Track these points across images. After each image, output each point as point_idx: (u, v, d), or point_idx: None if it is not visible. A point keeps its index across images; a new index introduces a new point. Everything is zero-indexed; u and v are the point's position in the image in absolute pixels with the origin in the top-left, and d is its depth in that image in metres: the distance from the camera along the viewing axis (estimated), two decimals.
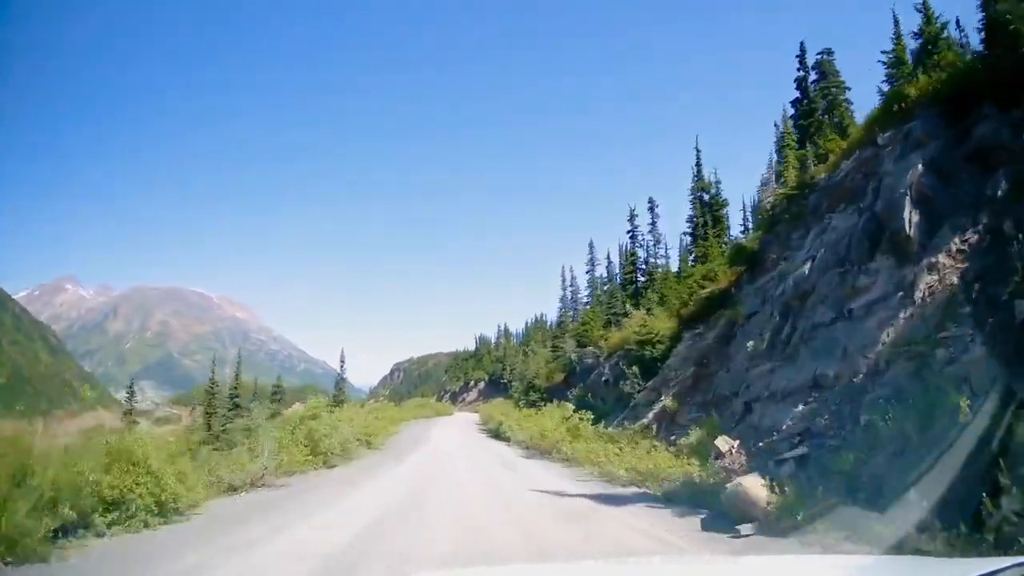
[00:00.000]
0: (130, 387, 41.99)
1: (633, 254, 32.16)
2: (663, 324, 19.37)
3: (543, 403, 26.49)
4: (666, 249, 37.29)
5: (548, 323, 72.56)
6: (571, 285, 47.42)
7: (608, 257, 41.48)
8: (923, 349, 6.60)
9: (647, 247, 32.02)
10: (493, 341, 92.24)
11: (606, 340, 25.33)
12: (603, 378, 22.00)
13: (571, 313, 46.45)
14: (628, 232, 31.68)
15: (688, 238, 27.40)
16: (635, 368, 18.48)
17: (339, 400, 28.58)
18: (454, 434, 26.90)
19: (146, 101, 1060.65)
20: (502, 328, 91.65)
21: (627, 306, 28.78)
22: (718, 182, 26.79)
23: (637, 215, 31.61)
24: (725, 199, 26.58)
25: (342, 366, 33.99)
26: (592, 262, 41.79)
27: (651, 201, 31.62)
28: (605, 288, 39.28)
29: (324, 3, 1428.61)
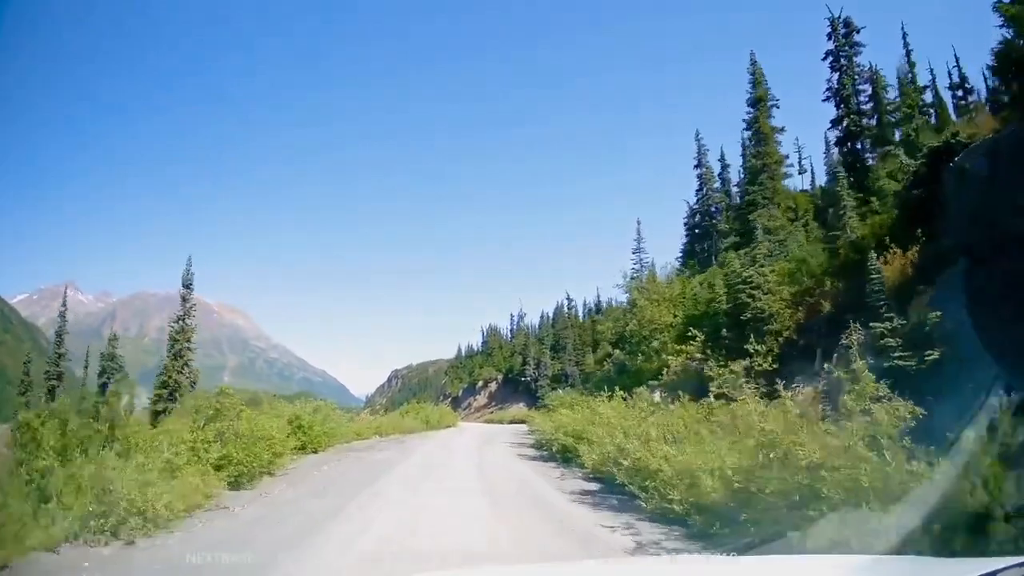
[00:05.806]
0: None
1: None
2: None
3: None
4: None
5: (574, 310, 56.99)
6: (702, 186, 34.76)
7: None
8: None
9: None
10: (506, 332, 73.17)
11: None
12: None
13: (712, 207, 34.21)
14: (827, 55, 20.27)
15: None
16: None
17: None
18: None
19: (147, 106, 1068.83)
20: (516, 316, 71.65)
21: None
22: None
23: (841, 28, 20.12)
24: None
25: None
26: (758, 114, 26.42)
27: (847, 25, 20.09)
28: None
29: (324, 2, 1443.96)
